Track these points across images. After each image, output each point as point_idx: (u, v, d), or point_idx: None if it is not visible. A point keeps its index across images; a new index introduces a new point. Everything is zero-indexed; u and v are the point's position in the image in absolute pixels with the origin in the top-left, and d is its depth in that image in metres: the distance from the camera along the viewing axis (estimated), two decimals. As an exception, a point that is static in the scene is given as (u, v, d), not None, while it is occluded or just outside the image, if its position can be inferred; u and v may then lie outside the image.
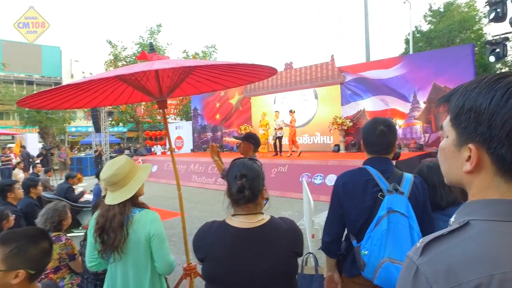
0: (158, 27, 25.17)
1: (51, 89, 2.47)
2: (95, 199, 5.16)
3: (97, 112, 16.10)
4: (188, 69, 2.67)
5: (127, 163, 1.90)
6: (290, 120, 11.83)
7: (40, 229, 1.52)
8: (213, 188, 10.92)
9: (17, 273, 1.36)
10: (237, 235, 1.42)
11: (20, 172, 9.48)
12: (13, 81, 30.35)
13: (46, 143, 21.32)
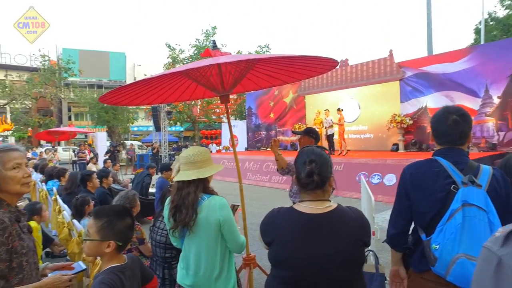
0: (213, 29, 25.99)
1: (126, 85, 2.70)
2: (159, 190, 5.49)
3: (157, 112, 17.08)
4: (250, 64, 2.75)
5: (207, 151, 2.11)
6: (339, 118, 11.59)
7: (125, 206, 1.70)
8: (267, 186, 11.03)
9: (109, 243, 1.58)
10: (304, 220, 1.44)
11: (93, 166, 10.42)
12: (86, 85, 33.32)
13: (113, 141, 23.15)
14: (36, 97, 26.94)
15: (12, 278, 1.50)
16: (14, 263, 1.50)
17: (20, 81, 26.98)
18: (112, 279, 1.53)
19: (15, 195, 1.63)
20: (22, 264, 1.55)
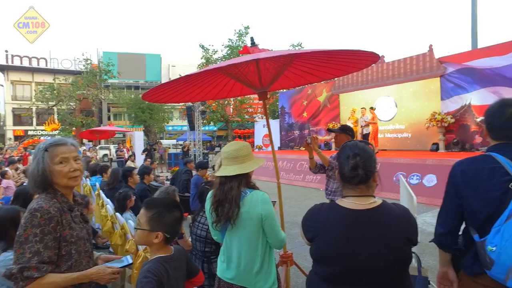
0: (246, 29, 26.15)
1: (167, 82, 2.78)
2: (194, 187, 5.61)
3: (191, 112, 17.46)
4: (288, 61, 2.73)
5: (248, 145, 2.12)
6: (371, 117, 11.27)
7: (174, 200, 1.74)
8: (301, 185, 10.95)
9: (157, 234, 1.64)
10: (349, 216, 1.41)
11: (132, 164, 10.83)
12: (124, 86, 34.74)
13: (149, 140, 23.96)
14: (79, 99, 28.49)
15: (62, 264, 1.59)
16: (63, 251, 1.59)
17: (66, 84, 28.66)
18: (158, 269, 1.59)
19: (64, 188, 1.72)
20: (71, 252, 1.62)
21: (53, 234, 1.53)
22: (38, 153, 1.63)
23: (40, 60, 35.26)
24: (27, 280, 1.44)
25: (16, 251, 1.46)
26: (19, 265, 1.44)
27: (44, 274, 1.49)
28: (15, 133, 34.82)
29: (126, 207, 3.87)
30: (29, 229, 1.47)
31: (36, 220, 1.49)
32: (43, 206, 1.53)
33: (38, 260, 1.47)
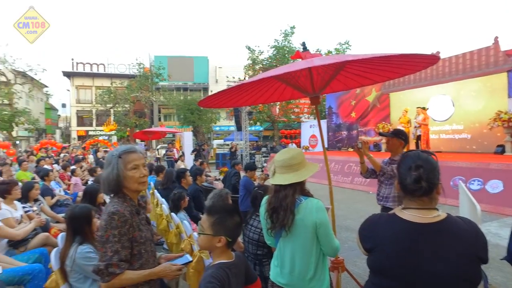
0: (292, 29, 26.00)
1: (221, 91, 2.88)
2: (243, 189, 5.70)
3: (238, 112, 17.74)
4: (341, 65, 2.70)
5: (301, 152, 2.12)
6: (423, 118, 10.64)
7: (234, 206, 1.81)
8: (349, 187, 10.69)
9: (220, 239, 1.71)
10: (411, 230, 1.37)
11: (182, 164, 11.28)
12: (174, 88, 36.20)
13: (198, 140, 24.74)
14: (133, 101, 30.19)
15: (134, 263, 1.76)
16: (135, 251, 1.76)
17: (121, 87, 30.56)
18: (221, 275, 1.65)
19: (134, 192, 1.88)
20: (141, 251, 1.79)
21: (127, 235, 1.69)
22: (113, 159, 1.79)
23: (99, 66, 37.93)
24: (111, 275, 1.63)
25: (100, 250, 1.63)
26: (104, 262, 1.62)
27: (123, 271, 1.67)
28: (78, 133, 37.78)
29: (180, 207, 4.06)
30: (109, 231, 1.64)
31: (114, 222, 1.65)
32: (119, 209, 1.69)
33: (118, 259, 1.64)
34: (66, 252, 2.57)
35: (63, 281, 2.56)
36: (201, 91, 38.45)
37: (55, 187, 7.00)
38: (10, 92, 26.48)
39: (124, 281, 1.68)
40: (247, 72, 26.34)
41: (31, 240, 3.91)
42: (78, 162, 10.19)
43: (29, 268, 3.25)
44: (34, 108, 35.27)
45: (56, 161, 11.71)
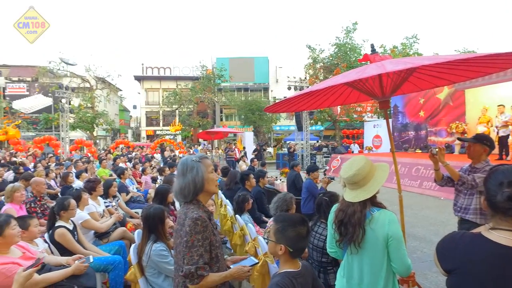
0: (354, 25, 25.12)
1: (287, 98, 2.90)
2: (306, 191, 5.65)
3: (299, 112, 17.63)
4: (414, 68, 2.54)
5: (367, 163, 1.98)
6: (511, 117, 9.49)
7: (302, 217, 1.82)
8: (417, 192, 10.01)
9: (281, 247, 1.74)
10: (502, 255, 1.23)
11: (243, 164, 11.54)
12: (235, 89, 37.22)
13: (258, 140, 25.14)
14: (197, 102, 31.68)
15: (213, 266, 1.86)
16: (213, 254, 1.86)
17: (186, 89, 32.24)
18: (286, 283, 1.68)
19: (209, 195, 1.99)
20: (218, 255, 1.89)
21: (208, 239, 1.79)
22: (194, 164, 1.89)
23: (166, 69, 40.40)
24: (200, 277, 1.75)
25: (186, 254, 1.75)
26: (193, 265, 1.73)
27: (209, 273, 1.78)
28: (147, 132, 40.70)
29: (244, 209, 4.16)
30: (194, 235, 1.75)
31: (198, 228, 1.76)
32: (201, 215, 1.80)
33: (203, 262, 1.75)
34: (143, 248, 2.79)
35: (140, 274, 2.78)
36: (262, 91, 38.94)
37: (129, 184, 7.60)
38: (93, 96, 29.49)
39: (210, 283, 1.79)
40: (307, 71, 26.05)
41: (112, 233, 4.31)
42: (148, 161, 10.95)
43: (111, 258, 3.58)
44: (110, 110, 38.70)
45: (129, 160, 12.73)
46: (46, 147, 18.95)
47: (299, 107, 3.57)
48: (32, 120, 31.77)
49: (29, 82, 34.99)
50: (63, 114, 16.94)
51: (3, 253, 2.54)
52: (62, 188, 6.73)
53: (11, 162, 10.75)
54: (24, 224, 2.99)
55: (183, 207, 1.92)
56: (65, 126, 17.09)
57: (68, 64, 28.99)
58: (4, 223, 2.55)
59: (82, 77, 30.13)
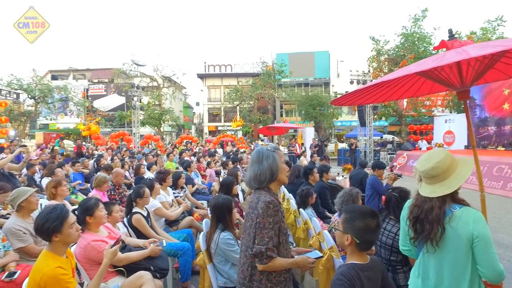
0: (424, 13, 23.30)
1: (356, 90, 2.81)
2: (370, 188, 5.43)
3: (363, 107, 16.94)
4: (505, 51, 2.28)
5: (447, 156, 1.82)
6: None
7: (373, 210, 1.76)
8: (499, 194, 9.03)
9: (347, 237, 1.72)
10: None
11: (304, 160, 11.45)
12: (295, 84, 36.96)
13: (319, 135, 24.70)
14: (257, 98, 32.09)
15: (280, 251, 1.91)
16: (280, 239, 1.91)
17: (247, 85, 32.85)
18: (351, 274, 1.65)
19: (279, 184, 2.07)
20: (283, 242, 1.94)
21: (278, 224, 1.85)
22: (269, 153, 1.99)
23: (227, 67, 41.53)
24: (269, 258, 1.82)
25: (258, 235, 1.83)
26: (263, 246, 1.80)
27: (277, 256, 1.83)
28: (210, 128, 42.32)
29: (307, 203, 4.14)
30: (266, 218, 1.82)
31: (270, 211, 1.82)
32: (273, 199, 1.86)
33: (273, 244, 1.81)
34: (211, 236, 2.93)
35: (209, 260, 2.92)
36: (322, 86, 38.16)
37: (194, 176, 8.00)
38: (160, 94, 31.52)
39: (277, 265, 1.85)
40: (370, 64, 24.87)
41: (181, 222, 4.59)
42: (211, 155, 11.40)
43: (181, 245, 3.82)
44: (176, 107, 40.94)
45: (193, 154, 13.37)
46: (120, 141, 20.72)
47: (367, 99, 3.43)
48: (108, 117, 34.89)
49: (106, 83, 38.45)
50: (134, 111, 18.34)
51: (94, 231, 2.86)
52: (135, 179, 7.32)
53: (93, 155, 11.97)
54: (109, 209, 3.31)
55: (255, 193, 2.01)
56: (136, 122, 18.49)
57: (138, 65, 31.29)
58: (94, 205, 2.86)
59: (151, 77, 32.29)
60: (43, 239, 2.26)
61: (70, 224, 2.23)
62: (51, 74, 38.96)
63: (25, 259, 3.12)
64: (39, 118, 34.06)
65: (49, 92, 29.37)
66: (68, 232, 2.21)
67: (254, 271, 1.90)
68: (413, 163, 13.41)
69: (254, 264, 1.89)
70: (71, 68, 41.47)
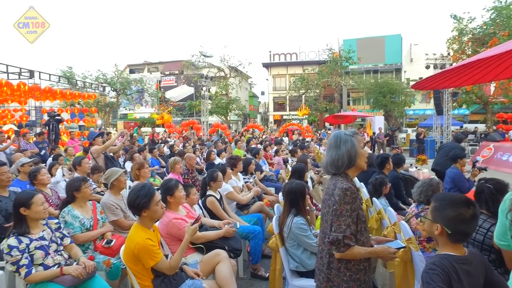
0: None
1: (442, 72, 2.58)
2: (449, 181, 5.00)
3: (439, 94, 15.54)
4: None
5: None
6: None
7: (467, 198, 1.62)
8: None
9: (437, 226, 1.59)
10: None
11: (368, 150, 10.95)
12: (363, 71, 35.29)
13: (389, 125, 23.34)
14: (324, 86, 31.36)
15: (358, 239, 1.86)
16: (358, 227, 1.86)
17: (313, 73, 32.25)
18: (445, 265, 1.50)
19: (357, 170, 2.00)
20: (362, 230, 1.87)
21: (355, 211, 1.79)
22: (348, 139, 1.92)
23: (292, 55, 41.09)
24: (346, 246, 1.78)
25: (334, 222, 1.80)
26: (341, 233, 1.77)
27: (354, 244, 1.77)
28: (275, 117, 42.56)
29: (381, 193, 3.97)
30: (343, 205, 1.78)
31: (347, 198, 1.78)
32: (351, 186, 1.81)
33: (350, 232, 1.77)
34: (284, 220, 2.97)
35: (281, 244, 2.98)
36: (393, 72, 35.84)
37: (262, 164, 8.14)
38: (227, 84, 32.50)
39: (355, 254, 1.81)
40: (450, 46, 22.57)
41: (251, 206, 4.72)
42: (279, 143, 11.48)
43: (252, 228, 3.94)
44: (242, 96, 41.83)
45: (260, 142, 13.60)
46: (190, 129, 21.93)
47: (452, 82, 3.15)
48: (179, 107, 37.02)
49: (177, 75, 40.73)
50: (203, 101, 19.19)
51: (175, 210, 3.10)
52: (206, 164, 7.69)
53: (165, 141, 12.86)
54: (187, 191, 3.54)
55: (331, 179, 1.96)
56: (205, 111, 19.34)
57: (206, 56, 32.60)
58: (175, 186, 3.08)
59: (218, 67, 33.38)
60: (134, 214, 2.51)
61: (156, 202, 2.44)
62: (129, 68, 42.47)
63: (118, 231, 3.50)
64: (119, 109, 37.44)
65: (128, 84, 32.19)
66: (155, 209, 2.42)
67: (332, 258, 1.87)
68: (502, 156, 11.99)
69: (332, 252, 1.86)
70: (145, 62, 44.69)
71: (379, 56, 36.20)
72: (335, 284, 1.87)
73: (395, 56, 35.70)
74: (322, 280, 1.91)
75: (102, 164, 5.84)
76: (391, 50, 35.78)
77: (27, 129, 13.28)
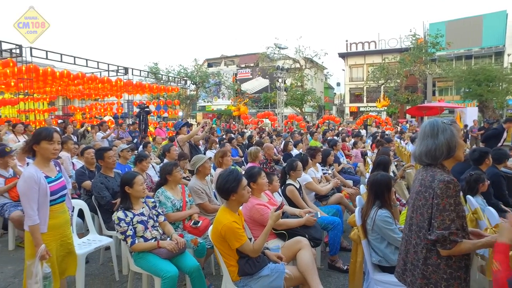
0: None
1: None
2: None
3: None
4: None
5: None
6: None
7: None
8: None
9: None
10: None
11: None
12: (453, 58, 31.87)
13: (485, 117, 20.76)
14: (406, 75, 29.13)
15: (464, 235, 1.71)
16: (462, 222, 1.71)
17: (393, 62, 30.15)
18: None
19: (454, 162, 1.83)
20: (463, 225, 1.71)
21: (460, 205, 1.67)
22: (446, 127, 1.78)
23: (370, 44, 38.91)
24: (453, 243, 1.66)
25: (437, 218, 1.69)
26: (446, 230, 1.66)
27: (462, 240, 1.66)
28: (351, 109, 41.01)
29: (477, 191, 3.58)
30: (445, 199, 1.67)
31: (450, 191, 1.66)
32: (453, 179, 1.69)
33: (455, 227, 1.65)
34: (367, 212, 2.88)
35: (364, 236, 2.90)
36: (492, 57, 31.63)
37: (339, 155, 7.95)
38: (302, 75, 32.21)
39: (463, 250, 1.69)
40: None
41: (330, 197, 4.67)
42: (357, 136, 11.08)
43: (332, 219, 3.91)
44: (317, 88, 41.11)
45: (336, 134, 13.27)
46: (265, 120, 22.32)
47: None
48: (254, 99, 37.86)
49: (252, 67, 41.59)
50: (279, 92, 19.33)
51: (258, 196, 3.22)
52: (283, 155, 7.78)
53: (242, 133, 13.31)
54: (270, 178, 3.65)
55: (426, 170, 1.84)
56: (280, 103, 19.48)
57: (281, 48, 32.63)
58: (257, 173, 3.21)
59: (293, 59, 33.20)
60: (223, 198, 2.68)
61: (244, 186, 2.57)
62: (207, 62, 44.63)
63: (203, 214, 3.77)
64: (198, 101, 39.71)
65: (206, 78, 33.96)
66: (242, 193, 2.55)
67: (430, 254, 1.76)
68: None
69: (430, 247, 1.75)
70: (222, 55, 46.48)
71: (474, 39, 32.23)
72: (431, 281, 1.76)
73: (496, 38, 31.35)
74: (417, 276, 1.82)
75: (187, 152, 6.30)
76: (491, 31, 31.48)
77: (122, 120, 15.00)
